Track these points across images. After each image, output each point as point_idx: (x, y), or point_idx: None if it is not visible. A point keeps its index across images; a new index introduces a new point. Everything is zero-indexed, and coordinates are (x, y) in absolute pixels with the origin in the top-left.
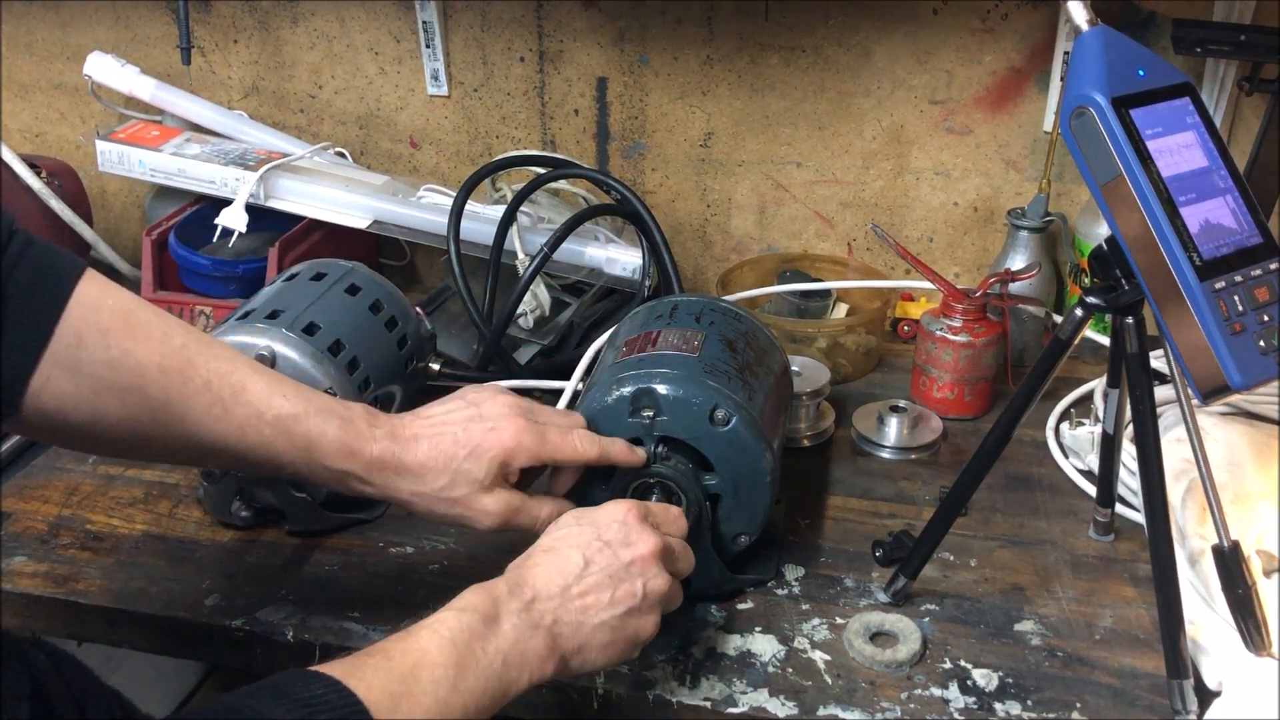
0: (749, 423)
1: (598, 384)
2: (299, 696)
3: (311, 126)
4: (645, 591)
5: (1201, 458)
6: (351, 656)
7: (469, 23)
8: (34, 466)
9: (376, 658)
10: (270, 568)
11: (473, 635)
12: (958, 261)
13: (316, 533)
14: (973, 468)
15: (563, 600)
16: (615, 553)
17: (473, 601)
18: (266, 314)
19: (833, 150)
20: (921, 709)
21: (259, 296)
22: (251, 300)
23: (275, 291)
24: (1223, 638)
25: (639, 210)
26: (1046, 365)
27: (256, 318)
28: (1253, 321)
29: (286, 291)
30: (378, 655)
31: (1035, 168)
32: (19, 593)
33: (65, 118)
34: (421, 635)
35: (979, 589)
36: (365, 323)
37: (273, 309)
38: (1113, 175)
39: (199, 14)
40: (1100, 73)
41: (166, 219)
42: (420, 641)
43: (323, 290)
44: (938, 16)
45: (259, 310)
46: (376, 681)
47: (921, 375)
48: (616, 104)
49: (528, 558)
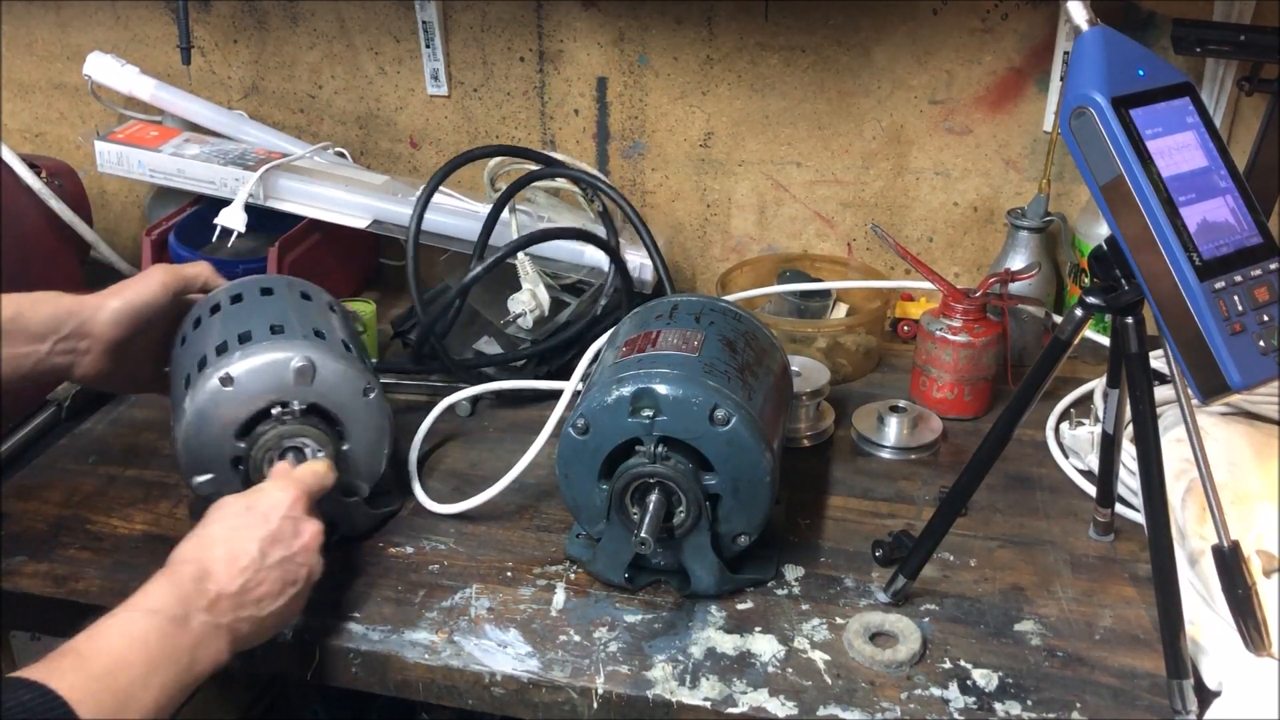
0: (749, 423)
1: (598, 384)
2: (11, 705)
3: (311, 126)
4: (309, 573)
5: (1201, 458)
6: (46, 659)
7: (469, 23)
8: (34, 466)
9: (71, 658)
10: None
11: (163, 636)
12: (958, 261)
13: (363, 535)
14: (973, 468)
15: (241, 596)
16: (287, 545)
17: (163, 602)
18: (270, 329)
19: (833, 150)
20: (921, 709)
21: (225, 322)
22: (213, 329)
23: (245, 313)
24: (1223, 638)
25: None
26: (1046, 365)
27: (261, 337)
28: (1253, 321)
29: (255, 311)
30: (72, 656)
31: (1035, 168)
32: (19, 593)
33: (65, 118)
34: (113, 636)
35: (979, 589)
36: (336, 320)
37: (270, 324)
38: (1113, 175)
39: (199, 14)
40: (1100, 73)
41: (166, 219)
42: (112, 642)
43: (289, 301)
44: (938, 16)
45: (253, 331)
46: (78, 682)
47: (921, 375)
48: (616, 104)
49: (203, 540)
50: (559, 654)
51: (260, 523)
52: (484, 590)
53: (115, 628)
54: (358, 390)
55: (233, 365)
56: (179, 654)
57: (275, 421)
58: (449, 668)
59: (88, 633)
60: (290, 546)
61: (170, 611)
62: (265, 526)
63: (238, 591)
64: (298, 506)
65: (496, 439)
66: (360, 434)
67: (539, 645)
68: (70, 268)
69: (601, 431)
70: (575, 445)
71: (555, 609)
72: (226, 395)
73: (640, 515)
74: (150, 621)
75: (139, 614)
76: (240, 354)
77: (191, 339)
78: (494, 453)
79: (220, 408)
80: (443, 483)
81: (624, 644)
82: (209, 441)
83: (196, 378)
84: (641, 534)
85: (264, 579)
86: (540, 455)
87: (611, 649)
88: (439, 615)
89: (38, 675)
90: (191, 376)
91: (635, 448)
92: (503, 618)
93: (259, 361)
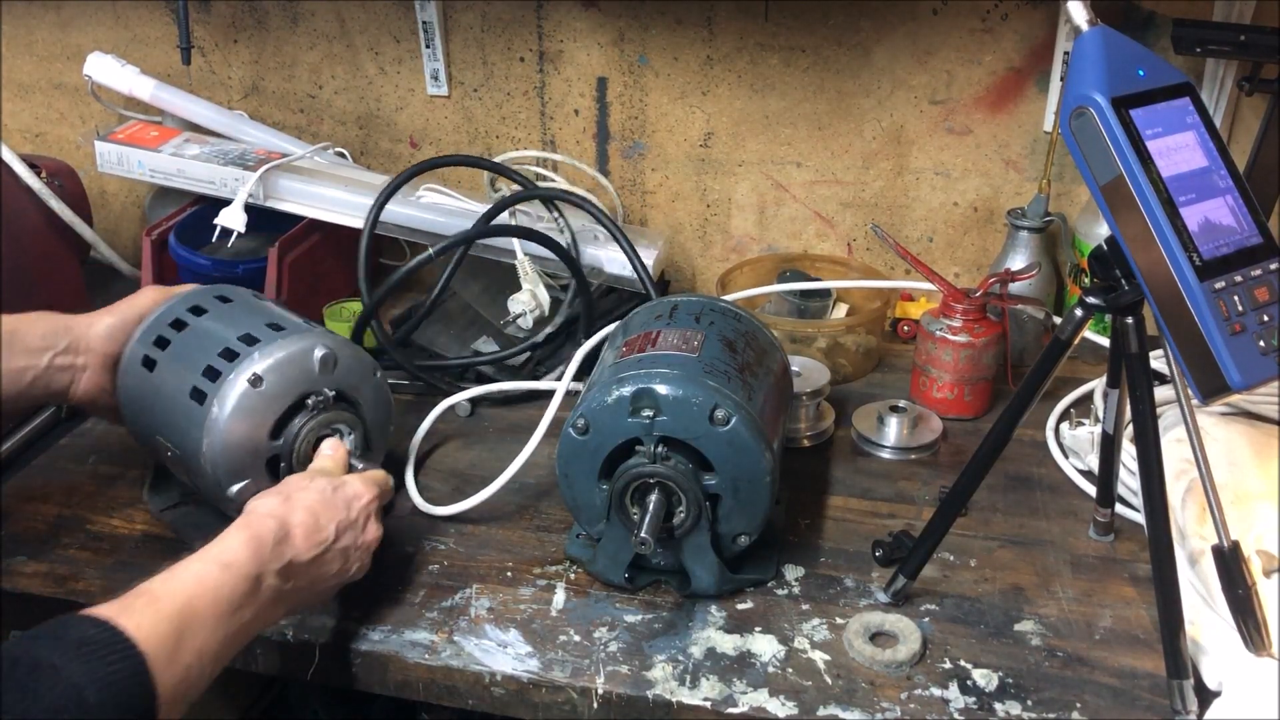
0: (749, 423)
1: (598, 384)
2: (73, 639)
3: (311, 126)
4: (359, 569)
5: (1201, 458)
6: (119, 599)
7: (469, 23)
8: (34, 466)
9: (144, 598)
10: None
11: (234, 592)
12: (958, 261)
13: None
14: (973, 468)
15: (309, 568)
16: (354, 536)
17: (239, 558)
18: (268, 326)
19: (833, 150)
20: (921, 709)
21: (209, 333)
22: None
23: (228, 318)
24: (1223, 638)
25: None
26: (1046, 365)
27: (267, 337)
28: (1253, 321)
29: (237, 314)
30: (145, 596)
31: (1035, 168)
32: (19, 593)
33: (65, 118)
34: (188, 583)
35: (979, 589)
36: (300, 318)
37: (265, 323)
38: (1113, 175)
39: (199, 14)
40: (1100, 73)
41: (166, 219)
42: (187, 588)
43: (254, 303)
44: (938, 16)
45: (253, 332)
46: (145, 622)
47: (921, 375)
48: (616, 104)
49: (289, 503)
50: (559, 654)
51: (342, 508)
52: (484, 590)
53: (191, 575)
54: (369, 372)
55: (256, 365)
56: (244, 611)
57: (311, 413)
58: (449, 668)
59: (163, 576)
60: (356, 539)
61: (245, 569)
62: (345, 513)
63: (309, 562)
64: (372, 505)
65: (497, 439)
66: (371, 413)
67: (539, 645)
68: (70, 268)
69: (601, 431)
70: (575, 445)
71: (555, 609)
72: (257, 396)
73: (640, 515)
74: (224, 575)
75: (215, 566)
76: (259, 353)
77: (170, 357)
78: (494, 453)
79: (253, 410)
80: (443, 483)
81: (624, 644)
82: (243, 446)
83: (213, 388)
84: (641, 534)
85: (330, 559)
86: (539, 455)
87: (611, 649)
88: (439, 615)
89: (109, 613)
90: (203, 388)
91: (635, 448)
92: (503, 618)
93: (283, 356)
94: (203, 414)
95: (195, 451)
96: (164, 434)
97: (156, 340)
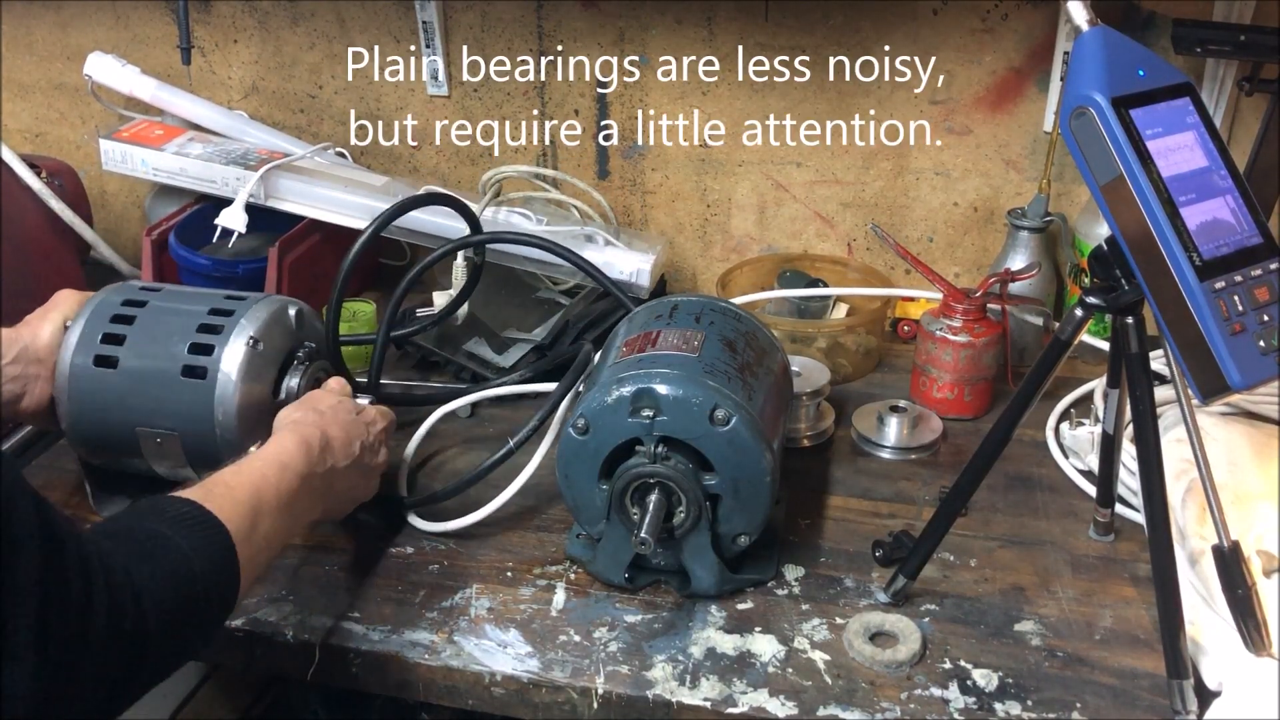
0: (749, 423)
1: (598, 384)
2: (172, 515)
3: (311, 126)
4: (367, 490)
5: (1201, 458)
6: (195, 487)
7: (469, 23)
8: (34, 466)
9: (220, 487)
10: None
11: (290, 488)
12: (958, 261)
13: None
14: (973, 468)
15: (343, 476)
16: (370, 458)
17: (294, 458)
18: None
19: (833, 150)
20: (921, 709)
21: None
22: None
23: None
24: (1223, 638)
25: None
26: (1046, 365)
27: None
28: (1253, 321)
29: (182, 299)
30: (220, 485)
31: (1035, 168)
32: None
33: (65, 118)
34: (256, 477)
35: (979, 589)
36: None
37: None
38: (1113, 175)
39: (199, 14)
40: (1100, 73)
41: (167, 219)
42: (255, 480)
43: (188, 288)
44: (938, 16)
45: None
46: (223, 506)
47: (921, 375)
48: (616, 104)
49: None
50: (559, 654)
51: (363, 430)
52: (484, 590)
53: (256, 471)
54: (317, 323)
55: (249, 330)
56: (296, 505)
57: (303, 364)
58: (449, 668)
59: (232, 469)
60: (371, 461)
61: (298, 469)
62: (366, 434)
63: (343, 471)
64: (384, 434)
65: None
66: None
67: (539, 645)
68: (70, 268)
69: (602, 431)
70: (575, 445)
71: (555, 609)
72: (258, 357)
73: (640, 515)
74: (283, 474)
75: (275, 465)
76: (245, 319)
77: (134, 351)
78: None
79: (258, 371)
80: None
81: (624, 644)
82: (255, 407)
83: (211, 360)
84: (641, 534)
85: (354, 473)
86: (539, 456)
87: (611, 649)
88: (439, 615)
89: (194, 496)
90: (197, 364)
91: (635, 448)
92: (503, 618)
93: (267, 316)
94: (208, 386)
95: (203, 425)
96: (151, 423)
97: (104, 338)
